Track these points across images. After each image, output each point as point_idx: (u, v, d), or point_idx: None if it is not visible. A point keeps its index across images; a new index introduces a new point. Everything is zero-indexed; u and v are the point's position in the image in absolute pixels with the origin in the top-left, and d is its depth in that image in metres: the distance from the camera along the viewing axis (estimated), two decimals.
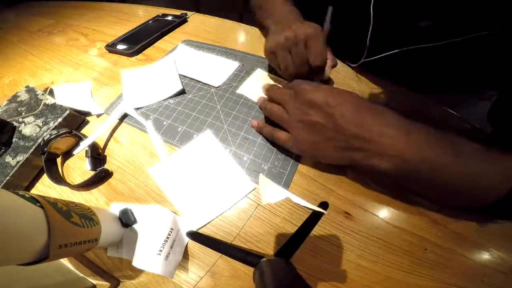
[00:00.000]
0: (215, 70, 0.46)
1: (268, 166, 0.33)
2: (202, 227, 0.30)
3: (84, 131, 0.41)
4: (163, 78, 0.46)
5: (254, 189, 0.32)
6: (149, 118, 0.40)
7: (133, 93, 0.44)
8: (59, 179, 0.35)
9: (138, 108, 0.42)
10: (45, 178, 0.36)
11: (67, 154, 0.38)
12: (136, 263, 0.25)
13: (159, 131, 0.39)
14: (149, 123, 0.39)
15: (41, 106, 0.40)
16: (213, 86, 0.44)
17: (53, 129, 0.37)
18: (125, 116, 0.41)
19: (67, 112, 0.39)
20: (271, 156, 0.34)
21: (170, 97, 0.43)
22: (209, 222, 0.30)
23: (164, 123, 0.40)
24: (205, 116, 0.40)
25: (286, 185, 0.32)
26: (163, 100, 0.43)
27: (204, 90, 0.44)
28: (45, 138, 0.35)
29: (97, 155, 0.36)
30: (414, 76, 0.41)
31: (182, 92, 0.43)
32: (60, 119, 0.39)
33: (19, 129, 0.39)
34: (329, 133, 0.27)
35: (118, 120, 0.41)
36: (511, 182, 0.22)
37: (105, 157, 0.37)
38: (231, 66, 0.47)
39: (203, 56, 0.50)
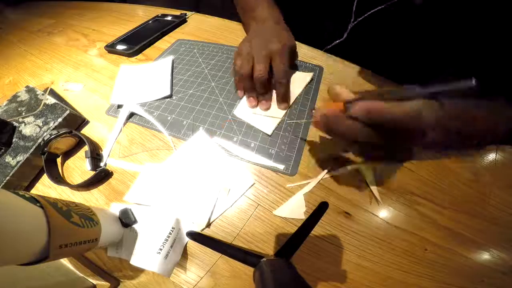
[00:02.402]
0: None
1: (276, 150, 0.35)
2: (205, 227, 0.30)
3: (84, 131, 0.41)
4: (156, 80, 0.46)
5: (254, 184, 0.32)
6: (152, 115, 0.41)
7: (123, 89, 0.45)
8: (59, 179, 0.35)
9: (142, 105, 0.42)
10: (45, 178, 0.36)
11: (67, 154, 0.38)
12: (134, 261, 0.25)
13: (164, 126, 0.39)
14: (154, 119, 0.40)
15: (41, 106, 0.40)
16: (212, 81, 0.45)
17: (53, 129, 0.37)
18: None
19: (67, 112, 0.39)
20: (277, 140, 0.36)
21: (158, 100, 0.43)
22: (212, 222, 0.30)
23: (168, 118, 0.40)
24: (209, 109, 0.40)
25: (296, 164, 0.33)
26: (152, 101, 0.43)
27: (205, 84, 0.44)
28: (45, 138, 0.35)
29: (97, 156, 0.36)
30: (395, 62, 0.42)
31: (170, 97, 0.43)
32: (60, 119, 0.38)
33: (19, 129, 0.39)
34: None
35: (119, 120, 0.41)
36: None
37: (103, 156, 0.37)
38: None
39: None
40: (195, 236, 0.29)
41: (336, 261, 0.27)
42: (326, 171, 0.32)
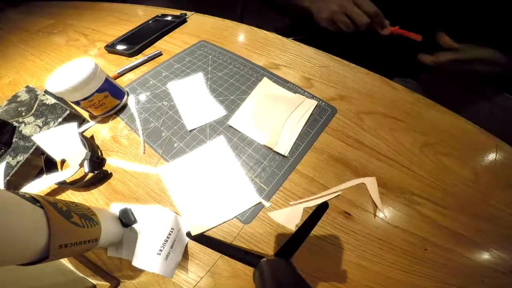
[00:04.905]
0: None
1: (264, 164, 0.34)
2: (202, 233, 0.30)
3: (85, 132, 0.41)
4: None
5: (260, 202, 0.31)
6: (139, 116, 0.41)
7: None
8: None
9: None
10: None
11: None
12: (136, 263, 0.25)
13: (144, 132, 0.39)
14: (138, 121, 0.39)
15: (35, 106, 0.40)
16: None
17: None
18: (127, 118, 0.41)
19: (67, 112, 0.39)
20: (269, 154, 0.35)
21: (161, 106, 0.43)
22: (210, 229, 0.30)
23: (151, 124, 0.39)
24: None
25: (278, 185, 0.32)
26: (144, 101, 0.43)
27: None
28: None
29: (96, 159, 0.35)
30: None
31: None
32: (60, 119, 0.39)
33: (19, 129, 0.39)
34: None
35: (120, 120, 0.41)
36: None
37: (104, 159, 0.37)
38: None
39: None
40: (195, 236, 0.29)
41: (336, 261, 0.27)
42: (333, 189, 0.31)
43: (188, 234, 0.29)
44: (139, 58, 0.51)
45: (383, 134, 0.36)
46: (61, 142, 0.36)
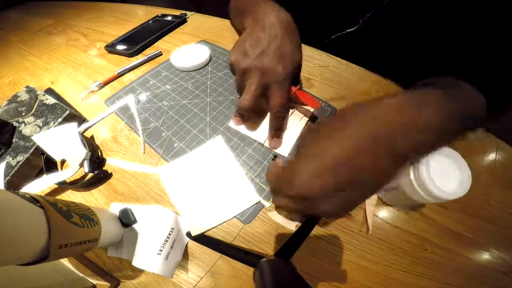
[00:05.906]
0: None
1: (264, 164, 0.34)
2: (202, 233, 0.30)
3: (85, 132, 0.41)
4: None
5: (259, 201, 0.31)
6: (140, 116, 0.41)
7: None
8: None
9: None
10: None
11: None
12: (136, 263, 0.25)
13: (144, 132, 0.39)
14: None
15: (35, 106, 0.40)
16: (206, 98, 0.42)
17: None
18: (127, 118, 0.41)
19: (67, 112, 0.39)
20: (268, 154, 0.35)
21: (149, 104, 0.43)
22: (209, 229, 0.30)
23: (151, 124, 0.39)
24: (192, 127, 0.38)
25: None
26: (145, 101, 0.43)
27: (200, 98, 0.42)
28: None
29: (96, 159, 0.35)
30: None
31: None
32: (60, 119, 0.39)
33: (19, 129, 0.39)
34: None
35: (120, 120, 0.41)
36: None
37: (104, 159, 0.37)
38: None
39: None
40: (195, 236, 0.29)
41: (336, 261, 0.27)
42: None
43: (188, 234, 0.29)
44: (139, 58, 0.51)
45: None
46: (61, 142, 0.36)
